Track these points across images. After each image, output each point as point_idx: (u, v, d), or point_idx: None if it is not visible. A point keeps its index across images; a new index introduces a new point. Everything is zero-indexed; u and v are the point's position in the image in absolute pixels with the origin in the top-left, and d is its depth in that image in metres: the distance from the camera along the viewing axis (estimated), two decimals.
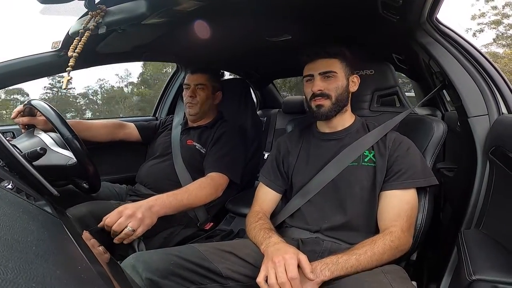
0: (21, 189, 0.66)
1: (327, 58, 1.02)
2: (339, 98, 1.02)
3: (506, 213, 0.80)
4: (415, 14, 0.96)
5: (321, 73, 1.02)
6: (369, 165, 0.96)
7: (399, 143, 0.97)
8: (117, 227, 0.96)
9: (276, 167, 1.13)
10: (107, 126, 1.53)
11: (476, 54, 0.99)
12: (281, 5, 1.07)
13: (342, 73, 1.03)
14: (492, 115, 0.94)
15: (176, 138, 1.51)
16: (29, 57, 1.24)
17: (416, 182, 0.91)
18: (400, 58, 1.49)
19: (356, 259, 0.79)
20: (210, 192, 1.28)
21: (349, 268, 0.79)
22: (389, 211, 0.90)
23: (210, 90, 1.53)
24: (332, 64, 1.02)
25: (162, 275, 0.77)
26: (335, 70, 1.02)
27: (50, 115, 1.03)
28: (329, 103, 1.01)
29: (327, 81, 1.02)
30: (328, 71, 1.01)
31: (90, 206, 1.13)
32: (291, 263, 0.75)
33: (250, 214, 1.05)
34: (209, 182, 1.30)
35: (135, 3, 0.93)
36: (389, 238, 0.84)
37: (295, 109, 2.23)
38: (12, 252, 0.29)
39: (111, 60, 1.53)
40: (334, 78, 1.02)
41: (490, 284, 0.67)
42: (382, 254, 0.82)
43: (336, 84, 1.01)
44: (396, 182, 0.92)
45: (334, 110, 1.02)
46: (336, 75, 1.02)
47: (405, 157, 0.94)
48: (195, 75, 1.53)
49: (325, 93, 1.01)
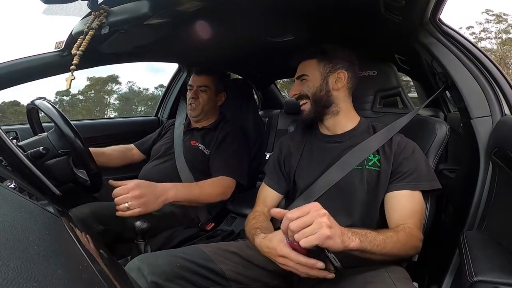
0: (24, 189, 0.66)
1: (305, 60, 1.05)
2: (315, 97, 1.02)
3: (508, 214, 0.80)
4: (418, 15, 0.96)
5: (297, 78, 1.06)
6: (373, 169, 0.95)
7: (404, 145, 0.96)
8: (118, 201, 1.00)
9: (278, 167, 1.12)
10: (118, 151, 1.57)
11: (479, 55, 0.99)
12: (283, 6, 1.06)
13: (315, 73, 1.02)
14: (495, 116, 0.93)
15: (178, 138, 1.51)
16: (32, 57, 1.24)
17: (420, 185, 0.90)
18: (402, 58, 1.49)
19: (383, 239, 0.76)
20: (221, 192, 1.30)
21: (376, 246, 0.74)
22: (402, 210, 0.89)
23: (213, 92, 1.53)
24: (306, 66, 1.04)
25: (167, 279, 0.77)
26: (306, 72, 1.03)
27: (53, 115, 1.03)
28: (308, 104, 1.03)
29: (301, 84, 1.04)
30: (300, 74, 1.04)
31: (92, 206, 1.14)
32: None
33: (249, 215, 1.06)
34: (221, 182, 1.32)
35: (137, 3, 0.94)
36: (409, 232, 0.83)
37: (296, 110, 2.21)
38: (13, 252, 0.30)
39: (113, 60, 1.54)
40: (306, 80, 1.03)
41: (492, 286, 0.66)
42: (404, 244, 0.80)
43: (307, 84, 1.02)
44: (403, 183, 0.91)
45: (314, 111, 1.03)
46: (307, 77, 1.03)
47: (410, 159, 0.93)
48: (200, 76, 1.52)
49: (302, 95, 1.04)
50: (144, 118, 2.26)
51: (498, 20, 14.75)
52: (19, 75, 1.25)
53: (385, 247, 0.76)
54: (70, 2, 0.88)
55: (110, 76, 19.31)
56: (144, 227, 1.05)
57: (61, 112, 1.05)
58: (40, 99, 1.11)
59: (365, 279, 0.79)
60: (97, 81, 19.23)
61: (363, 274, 0.81)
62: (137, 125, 2.11)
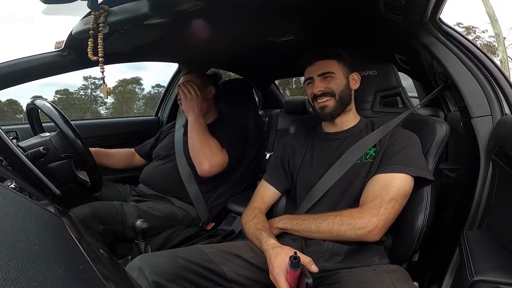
0: (24, 189, 0.66)
1: (324, 59, 1.06)
2: (341, 95, 1.04)
3: (509, 214, 0.80)
4: (418, 14, 0.96)
5: (319, 75, 1.05)
6: (369, 161, 0.97)
7: (395, 134, 0.97)
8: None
9: (280, 165, 1.13)
10: (122, 153, 1.63)
11: (479, 54, 0.99)
12: (283, 6, 1.06)
13: (340, 72, 1.05)
14: (495, 115, 0.94)
15: (179, 140, 1.52)
16: (32, 57, 1.24)
17: (401, 168, 0.88)
18: (403, 58, 1.49)
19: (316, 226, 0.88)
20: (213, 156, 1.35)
21: (307, 233, 0.90)
22: (367, 193, 0.89)
23: (199, 86, 1.51)
24: (330, 65, 1.05)
25: (169, 279, 0.77)
26: (333, 70, 1.04)
27: (53, 115, 1.04)
28: (333, 102, 1.04)
29: (326, 81, 1.04)
30: (326, 72, 1.04)
31: (92, 206, 1.14)
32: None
33: (246, 211, 1.06)
34: (219, 150, 1.38)
35: (137, 3, 0.93)
36: (342, 212, 0.87)
37: (297, 109, 2.22)
38: (14, 252, 0.30)
39: (113, 60, 1.54)
40: (333, 78, 1.04)
41: (492, 285, 0.66)
42: (325, 220, 0.87)
43: (335, 82, 1.04)
44: (381, 167, 0.91)
45: (338, 109, 1.04)
46: (334, 75, 1.04)
47: (396, 144, 0.93)
48: (187, 76, 1.55)
49: (328, 91, 1.04)
50: (144, 118, 2.27)
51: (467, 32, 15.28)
52: (19, 75, 1.25)
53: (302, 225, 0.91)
54: (69, 2, 0.88)
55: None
56: (144, 227, 1.06)
57: (62, 112, 1.05)
58: (40, 99, 1.11)
59: (364, 279, 0.79)
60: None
61: (363, 275, 0.81)
62: (137, 125, 2.11)
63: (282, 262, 0.78)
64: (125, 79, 18.33)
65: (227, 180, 1.52)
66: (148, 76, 22.99)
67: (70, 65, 1.32)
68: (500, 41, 9.94)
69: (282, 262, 0.78)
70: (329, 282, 0.86)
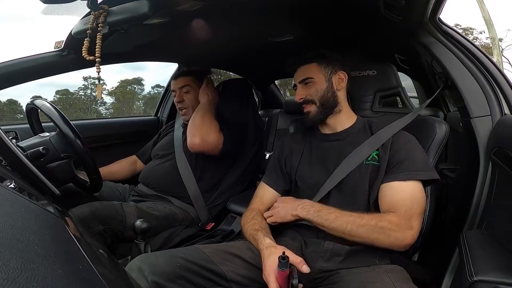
0: (23, 189, 0.66)
1: (304, 64, 1.06)
2: (322, 100, 1.04)
3: (508, 214, 0.80)
4: (417, 15, 0.96)
5: (300, 81, 1.06)
6: (373, 163, 0.95)
7: (398, 137, 0.97)
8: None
9: (278, 166, 1.13)
10: (123, 167, 1.64)
11: (479, 54, 0.99)
12: (283, 6, 1.06)
13: (320, 76, 1.04)
14: (494, 115, 0.94)
15: (178, 138, 1.52)
16: (32, 57, 1.24)
17: (415, 175, 0.89)
18: (402, 58, 1.49)
19: (336, 217, 0.87)
20: (208, 132, 1.37)
21: (324, 221, 0.88)
22: (389, 200, 0.89)
23: (196, 90, 1.54)
24: (309, 69, 1.05)
25: (168, 278, 0.77)
26: (311, 75, 1.04)
27: (53, 115, 1.03)
28: (314, 108, 1.05)
29: (307, 87, 1.05)
30: (305, 78, 1.05)
31: (92, 206, 1.14)
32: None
33: (245, 213, 1.07)
34: (216, 128, 1.39)
35: (137, 3, 0.93)
36: (378, 218, 0.84)
37: (296, 109, 2.21)
38: (13, 252, 0.30)
39: (112, 60, 1.54)
40: (312, 83, 1.04)
41: (492, 285, 0.66)
42: (372, 227, 0.83)
43: (314, 88, 1.04)
44: (394, 174, 0.90)
45: (321, 114, 1.04)
46: (313, 80, 1.04)
47: (403, 149, 0.93)
48: (178, 79, 1.55)
49: (308, 99, 1.05)
50: (144, 118, 2.26)
51: (465, 34, 15.62)
52: (19, 75, 1.25)
53: (335, 223, 0.86)
54: (69, 2, 0.88)
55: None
56: (144, 227, 1.05)
57: (61, 112, 1.05)
58: (40, 99, 1.11)
59: (364, 279, 0.79)
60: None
61: (363, 275, 0.81)
62: (137, 125, 2.11)
63: (273, 262, 0.79)
64: (127, 80, 18.35)
65: (227, 180, 1.52)
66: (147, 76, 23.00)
67: (70, 65, 1.32)
68: (495, 44, 10.05)
69: (273, 262, 0.78)
70: (329, 282, 0.86)
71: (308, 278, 0.85)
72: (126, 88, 18.13)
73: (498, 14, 24.04)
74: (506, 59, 11.81)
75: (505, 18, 25.43)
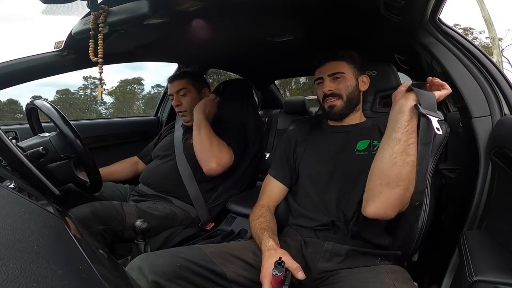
0: (23, 189, 0.66)
1: (335, 60, 1.07)
2: (350, 96, 1.07)
3: (508, 214, 0.80)
4: (417, 15, 0.96)
5: (329, 75, 1.07)
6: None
7: None
8: None
9: (285, 159, 1.14)
10: (125, 168, 1.64)
11: (479, 54, 0.99)
12: (282, 6, 1.07)
13: (350, 73, 1.07)
14: (494, 116, 0.94)
15: (179, 139, 1.52)
16: (32, 57, 1.24)
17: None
18: (402, 58, 1.49)
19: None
20: (220, 153, 1.37)
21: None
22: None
23: (193, 92, 1.53)
24: (340, 65, 1.07)
25: (168, 278, 0.77)
26: (342, 71, 1.06)
27: (53, 115, 1.03)
28: (341, 102, 1.06)
29: (336, 82, 1.07)
30: (336, 72, 1.06)
31: (92, 206, 1.14)
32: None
33: (254, 208, 1.07)
34: (224, 146, 1.40)
35: (137, 3, 0.93)
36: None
37: (296, 109, 2.22)
38: (13, 252, 0.30)
39: (112, 60, 1.54)
40: (342, 79, 1.06)
41: (492, 285, 0.66)
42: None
43: (345, 84, 1.06)
44: None
45: (346, 109, 1.07)
46: (344, 76, 1.06)
47: None
48: (173, 83, 1.54)
49: (336, 93, 1.06)
50: (144, 118, 2.27)
51: (465, 34, 15.66)
52: (19, 75, 1.25)
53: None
54: (69, 2, 0.88)
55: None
56: (144, 227, 1.06)
57: (61, 112, 1.05)
58: (40, 99, 1.11)
59: (364, 280, 0.79)
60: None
61: (363, 275, 0.81)
62: (137, 125, 2.11)
63: (270, 265, 0.79)
64: (127, 80, 18.37)
65: (227, 180, 1.52)
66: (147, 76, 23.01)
67: (70, 65, 1.32)
68: (495, 44, 10.08)
69: (270, 265, 0.79)
70: (329, 282, 0.86)
71: (309, 278, 0.85)
72: (126, 88, 18.12)
73: (498, 14, 24.08)
74: (506, 59, 11.84)
75: (505, 18, 25.45)
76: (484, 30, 13.14)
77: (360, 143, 1.02)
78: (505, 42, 12.39)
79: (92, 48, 0.98)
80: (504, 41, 12.63)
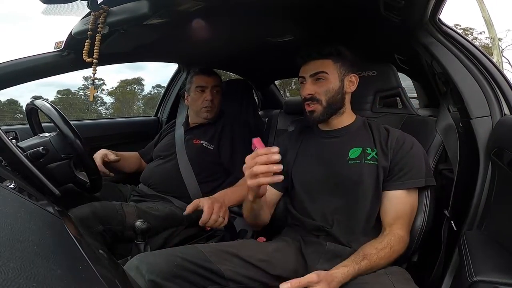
0: (23, 189, 0.66)
1: (319, 59, 1.01)
2: (330, 101, 1.00)
3: (508, 214, 0.80)
4: (417, 15, 0.96)
5: (312, 75, 1.01)
6: (372, 163, 0.95)
7: (402, 142, 0.96)
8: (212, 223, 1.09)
9: None
10: (133, 156, 1.65)
11: (479, 55, 0.99)
12: (283, 6, 1.07)
13: (335, 74, 1.01)
14: (494, 116, 0.93)
15: (180, 138, 1.52)
16: (32, 57, 1.24)
17: (417, 182, 0.92)
18: (402, 59, 1.49)
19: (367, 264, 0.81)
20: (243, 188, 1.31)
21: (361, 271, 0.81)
22: (392, 212, 0.91)
23: (221, 92, 1.55)
24: (324, 64, 1.00)
25: (165, 277, 0.76)
26: (326, 70, 1.00)
27: (53, 116, 1.03)
28: (320, 108, 1.00)
29: (317, 84, 1.01)
30: (318, 72, 1.00)
31: (92, 206, 1.14)
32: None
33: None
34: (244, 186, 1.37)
35: (137, 3, 0.93)
36: (392, 239, 0.86)
37: (296, 110, 2.21)
38: (13, 252, 0.30)
39: (112, 61, 1.54)
40: (324, 80, 1.00)
41: (492, 286, 0.66)
42: (388, 257, 0.84)
43: (326, 87, 1.00)
44: (398, 182, 0.92)
45: (326, 114, 1.01)
46: (327, 77, 1.00)
47: (408, 157, 0.93)
48: (212, 77, 1.52)
49: (315, 98, 1.00)
50: (144, 118, 2.27)
51: (465, 34, 15.68)
52: (19, 75, 1.25)
53: (371, 266, 0.82)
54: (69, 2, 0.88)
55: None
56: (144, 227, 1.05)
57: (61, 112, 1.05)
58: (40, 99, 1.11)
59: (364, 280, 0.79)
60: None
61: (362, 276, 0.81)
62: (137, 125, 2.11)
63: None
64: (127, 80, 18.37)
65: (227, 181, 1.52)
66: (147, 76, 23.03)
67: (70, 65, 1.32)
68: (495, 45, 10.08)
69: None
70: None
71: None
72: (126, 88, 18.10)
73: (498, 14, 24.10)
74: (506, 59, 11.85)
75: (505, 18, 25.48)
76: (484, 31, 13.15)
77: (352, 151, 0.99)
78: (505, 42, 12.40)
79: (86, 49, 0.98)
80: (504, 41, 12.63)
